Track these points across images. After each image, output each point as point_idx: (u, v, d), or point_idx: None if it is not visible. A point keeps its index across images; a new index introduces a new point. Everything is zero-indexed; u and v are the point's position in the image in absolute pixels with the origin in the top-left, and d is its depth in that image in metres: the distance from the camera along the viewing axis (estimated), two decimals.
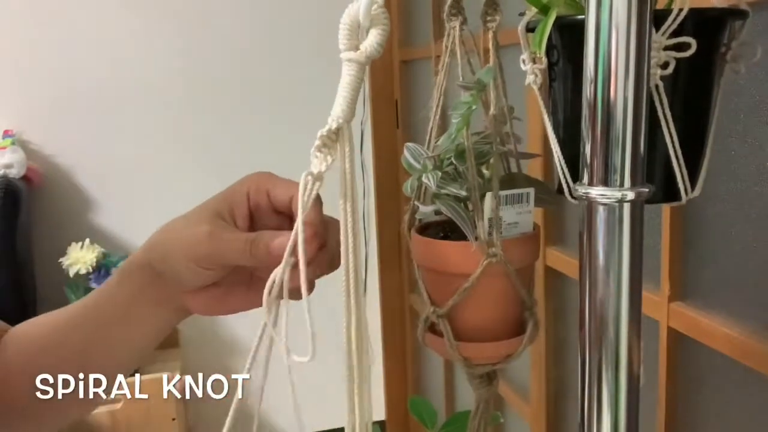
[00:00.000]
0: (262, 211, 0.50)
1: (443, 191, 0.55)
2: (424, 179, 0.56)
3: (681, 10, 0.44)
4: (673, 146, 0.47)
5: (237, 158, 2.07)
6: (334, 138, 0.40)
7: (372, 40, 0.40)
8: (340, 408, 0.43)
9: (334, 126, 0.39)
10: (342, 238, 0.41)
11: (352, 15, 0.39)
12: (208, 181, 2.22)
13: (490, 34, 0.58)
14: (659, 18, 0.44)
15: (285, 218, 0.50)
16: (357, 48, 0.40)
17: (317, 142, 0.40)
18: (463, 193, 0.54)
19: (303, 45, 2.04)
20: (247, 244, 0.47)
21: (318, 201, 0.44)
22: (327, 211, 0.47)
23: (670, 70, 0.45)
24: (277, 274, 0.40)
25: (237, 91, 2.07)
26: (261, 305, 0.40)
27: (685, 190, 0.49)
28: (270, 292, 0.39)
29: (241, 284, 0.51)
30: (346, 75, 0.39)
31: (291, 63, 2.07)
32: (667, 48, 0.45)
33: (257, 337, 0.41)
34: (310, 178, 0.39)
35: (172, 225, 0.50)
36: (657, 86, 0.46)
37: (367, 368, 0.43)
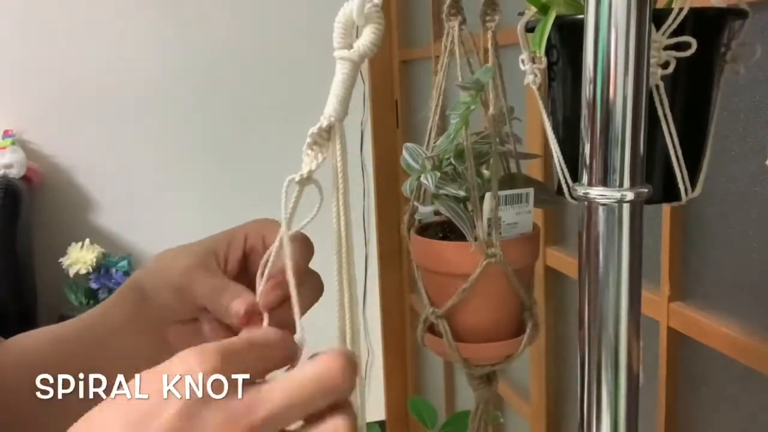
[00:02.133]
0: (256, 254, 0.49)
1: (441, 192, 0.55)
2: (422, 180, 0.55)
3: (681, 9, 0.44)
4: (674, 146, 0.47)
5: (237, 158, 2.07)
6: (326, 136, 0.39)
7: (365, 38, 0.39)
8: None
9: (325, 124, 0.39)
10: (335, 239, 0.40)
11: (346, 14, 0.39)
12: (207, 180, 2.22)
13: (489, 34, 0.58)
14: (660, 17, 0.44)
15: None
16: (351, 46, 0.39)
17: (308, 140, 0.39)
18: (462, 193, 0.54)
19: (305, 46, 2.03)
20: (214, 292, 0.46)
21: (296, 243, 0.42)
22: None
23: (670, 69, 0.45)
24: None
25: (237, 91, 2.07)
26: None
27: (686, 190, 0.49)
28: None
29: (223, 326, 0.48)
30: (340, 73, 0.39)
31: (293, 63, 2.07)
32: (667, 48, 0.45)
33: None
34: (295, 182, 0.38)
35: (170, 250, 0.49)
36: (657, 86, 0.46)
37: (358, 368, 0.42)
